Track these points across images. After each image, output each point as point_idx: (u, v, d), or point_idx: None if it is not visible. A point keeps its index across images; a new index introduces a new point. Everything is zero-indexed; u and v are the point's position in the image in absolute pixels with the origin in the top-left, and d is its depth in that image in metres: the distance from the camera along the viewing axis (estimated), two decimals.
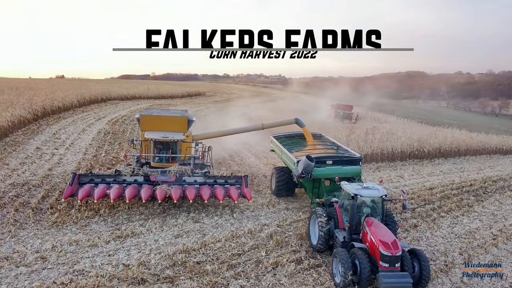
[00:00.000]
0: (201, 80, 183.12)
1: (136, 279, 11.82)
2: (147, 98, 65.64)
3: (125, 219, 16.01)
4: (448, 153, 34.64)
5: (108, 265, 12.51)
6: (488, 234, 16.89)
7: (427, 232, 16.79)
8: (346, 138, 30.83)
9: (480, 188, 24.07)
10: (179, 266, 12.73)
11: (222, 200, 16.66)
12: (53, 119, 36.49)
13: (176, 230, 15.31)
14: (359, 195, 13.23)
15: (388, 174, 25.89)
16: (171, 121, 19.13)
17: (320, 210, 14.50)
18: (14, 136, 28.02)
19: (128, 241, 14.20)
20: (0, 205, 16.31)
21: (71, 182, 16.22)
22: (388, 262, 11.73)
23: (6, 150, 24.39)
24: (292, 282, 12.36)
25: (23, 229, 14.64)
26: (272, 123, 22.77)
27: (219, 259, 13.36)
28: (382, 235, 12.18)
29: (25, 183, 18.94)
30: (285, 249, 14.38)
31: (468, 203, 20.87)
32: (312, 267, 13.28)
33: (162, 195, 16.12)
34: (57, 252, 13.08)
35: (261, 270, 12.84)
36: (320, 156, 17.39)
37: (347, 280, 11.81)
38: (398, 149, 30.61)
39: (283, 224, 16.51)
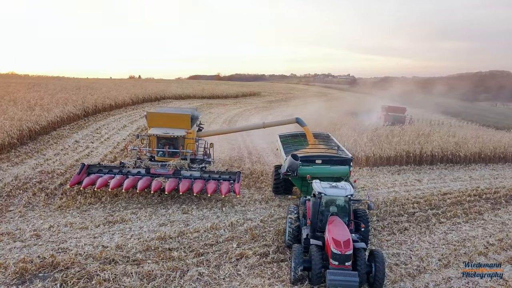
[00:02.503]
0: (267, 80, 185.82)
1: (108, 259, 13.12)
2: (200, 98, 68.61)
3: (122, 207, 17.55)
4: (490, 159, 32.42)
5: (89, 246, 13.97)
6: (483, 243, 16.01)
7: (414, 237, 16.34)
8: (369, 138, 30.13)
9: (504, 196, 22.51)
10: (151, 251, 13.86)
11: (211, 194, 17.58)
12: (102, 116, 39.80)
13: (163, 219, 16.50)
14: (323, 193, 13.43)
15: (406, 178, 25.09)
16: (175, 119, 20.41)
17: (292, 207, 14.85)
18: (61, 130, 31.19)
19: (116, 226, 15.64)
20: (23, 189, 18.69)
21: (79, 171, 18.12)
22: (338, 260, 11.88)
23: (48, 142, 27.38)
24: (250, 273, 12.94)
25: (32, 210, 16.72)
26: (273, 122, 23.24)
27: (191, 247, 14.30)
28: (336, 234, 12.31)
29: (52, 171, 21.31)
30: (258, 243, 14.94)
31: (479, 211, 19.74)
32: (276, 261, 13.72)
33: (157, 187, 17.46)
34: (51, 232, 14.85)
35: (224, 260, 13.56)
36: (308, 155, 17.62)
37: (297, 275, 12.14)
38: (427, 152, 29.33)
39: (268, 220, 17.02)
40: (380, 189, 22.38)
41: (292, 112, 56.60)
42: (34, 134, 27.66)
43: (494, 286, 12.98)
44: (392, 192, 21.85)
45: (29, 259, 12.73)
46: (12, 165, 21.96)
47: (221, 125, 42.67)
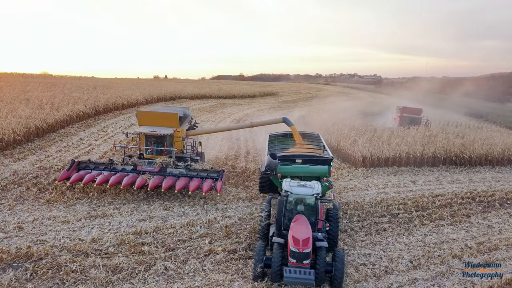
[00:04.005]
0: (291, 80, 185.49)
1: (81, 251, 13.70)
2: (216, 98, 69.28)
3: (108, 202, 18.16)
4: (498, 161, 31.46)
5: (67, 238, 14.60)
6: (461, 246, 15.71)
7: (391, 238, 16.21)
8: (366, 139, 29.83)
9: (500, 199, 21.90)
10: (124, 245, 14.35)
11: (192, 191, 17.95)
12: (113, 115, 40.93)
13: (144, 215, 16.99)
14: (290, 192, 13.57)
15: (401, 179, 24.73)
16: (163, 117, 20.90)
17: (264, 206, 15.03)
18: (69, 128, 32.32)
19: (97, 220, 16.24)
20: (18, 183, 19.60)
21: (68, 168, 18.86)
22: (296, 258, 12.04)
23: (53, 140, 28.46)
24: (215, 269, 13.24)
25: (22, 204, 17.54)
26: (260, 122, 23.40)
27: (163, 242, 14.71)
28: (296, 232, 12.45)
29: (50, 167, 22.23)
30: (231, 240, 15.21)
31: (468, 213, 19.32)
32: (243, 258, 13.97)
33: (141, 183, 17.99)
34: (34, 224, 15.58)
35: (192, 255, 13.90)
36: (289, 155, 17.73)
37: (257, 272, 12.35)
38: (429, 154, 28.78)
39: (246, 218, 17.27)
40: (370, 190, 22.20)
41: (304, 112, 56.54)
42: (41, 131, 28.83)
43: None
44: (381, 193, 21.65)
45: (7, 249, 13.43)
46: (14, 160, 23.01)
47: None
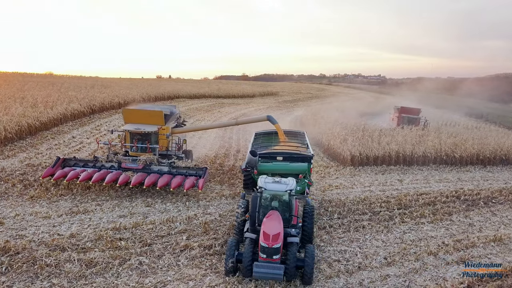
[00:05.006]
0: (295, 80, 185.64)
1: (58, 246, 13.89)
2: (215, 97, 69.53)
3: (91, 198, 18.36)
4: (489, 161, 31.42)
5: (46, 234, 14.80)
6: (437, 243, 15.78)
7: (369, 235, 16.31)
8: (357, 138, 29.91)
9: (485, 197, 21.91)
10: (101, 240, 14.53)
11: (174, 188, 18.11)
12: (108, 113, 41.17)
13: (125, 211, 17.18)
14: (264, 188, 13.71)
15: (389, 178, 24.80)
16: (148, 115, 21.10)
17: (241, 202, 15.16)
18: (63, 126, 32.59)
19: (77, 216, 16.44)
20: (5, 180, 19.82)
21: (53, 164, 19.08)
22: (266, 253, 12.18)
23: (46, 138, 28.73)
24: (189, 264, 13.40)
25: (6, 200, 17.76)
26: (245, 120, 23.58)
27: (141, 238, 14.88)
28: (267, 227, 12.58)
29: (38, 164, 22.44)
30: (208, 236, 15.36)
31: (450, 212, 19.38)
32: (218, 254, 14.13)
33: (124, 180, 18.18)
34: (15, 220, 15.79)
35: (168, 251, 14.07)
36: (269, 152, 17.87)
37: (228, 267, 12.49)
38: (418, 153, 28.82)
39: (226, 215, 17.40)
40: (355, 188, 22.28)
41: (301, 112, 56.70)
42: (34, 129, 29.09)
43: (429, 285, 12.84)
44: (366, 191, 21.73)
45: None
46: (3, 158, 23.28)
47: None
